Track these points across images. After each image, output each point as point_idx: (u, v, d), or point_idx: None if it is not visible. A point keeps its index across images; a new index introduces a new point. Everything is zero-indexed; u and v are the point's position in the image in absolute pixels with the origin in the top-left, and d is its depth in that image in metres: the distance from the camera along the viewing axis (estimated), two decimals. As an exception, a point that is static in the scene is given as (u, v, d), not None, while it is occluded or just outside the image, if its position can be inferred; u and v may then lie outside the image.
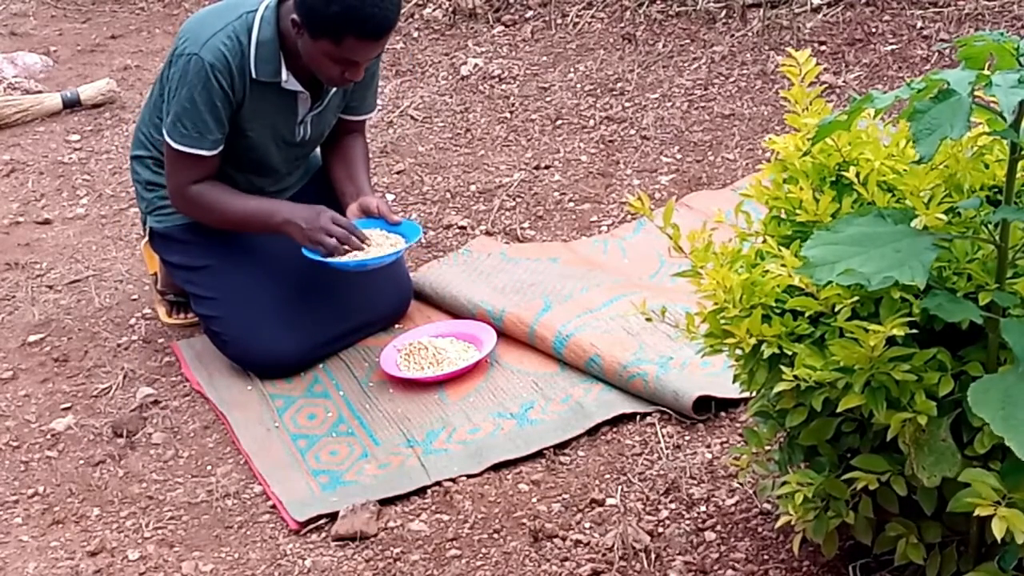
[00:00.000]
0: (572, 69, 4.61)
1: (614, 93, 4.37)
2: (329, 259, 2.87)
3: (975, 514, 1.77)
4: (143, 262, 3.48)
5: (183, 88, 2.84)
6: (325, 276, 3.03)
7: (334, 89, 2.99)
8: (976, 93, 1.65)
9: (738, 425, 2.64)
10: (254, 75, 2.86)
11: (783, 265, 1.88)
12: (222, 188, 2.98)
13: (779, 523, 2.08)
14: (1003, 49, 1.73)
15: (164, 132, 2.91)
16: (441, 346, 3.01)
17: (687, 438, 2.64)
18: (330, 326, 3.04)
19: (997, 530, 1.74)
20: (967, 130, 1.63)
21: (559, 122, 4.24)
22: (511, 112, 4.37)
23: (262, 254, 3.06)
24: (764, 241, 2.01)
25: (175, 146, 2.89)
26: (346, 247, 2.88)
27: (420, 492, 2.59)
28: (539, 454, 2.66)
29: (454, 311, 3.18)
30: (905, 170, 1.95)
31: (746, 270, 1.99)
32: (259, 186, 3.11)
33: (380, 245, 2.92)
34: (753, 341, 1.94)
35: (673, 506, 2.45)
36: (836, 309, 1.85)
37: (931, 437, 1.83)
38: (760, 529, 2.35)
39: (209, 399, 2.98)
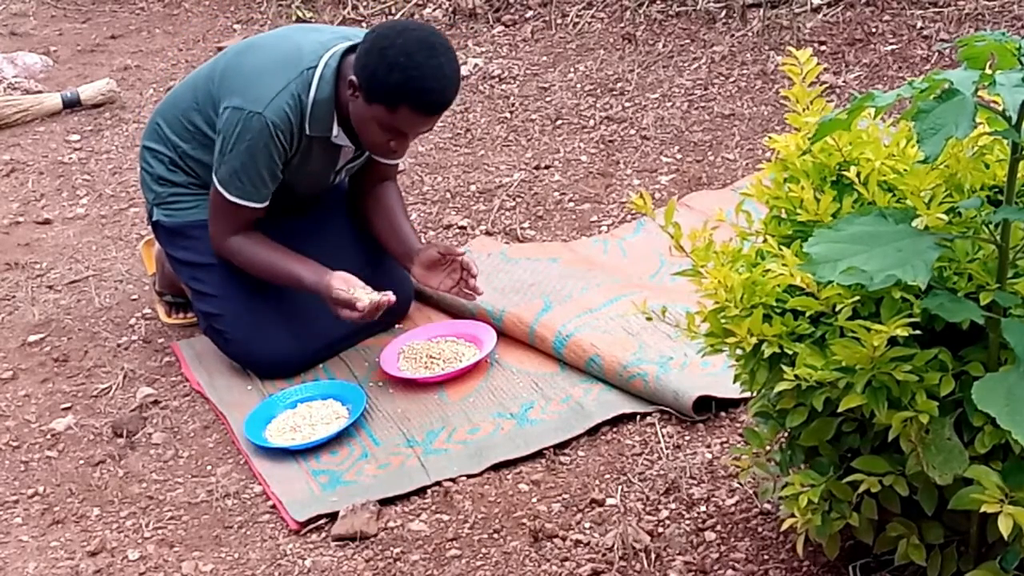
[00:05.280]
0: (572, 69, 4.61)
1: (614, 93, 4.37)
2: (279, 444, 2.76)
3: (981, 511, 1.77)
4: (143, 263, 3.48)
5: (243, 144, 2.84)
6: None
7: None
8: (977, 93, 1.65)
9: (738, 425, 2.64)
10: (308, 131, 2.87)
11: (784, 264, 1.88)
12: (257, 241, 2.97)
13: (784, 526, 2.07)
14: (1004, 49, 1.73)
15: (217, 181, 2.90)
16: (441, 346, 3.02)
17: (687, 438, 2.64)
18: (332, 327, 3.03)
19: (1003, 527, 1.74)
20: (972, 130, 1.63)
21: (559, 122, 4.24)
22: (511, 112, 4.37)
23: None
24: (765, 240, 2.01)
25: (230, 198, 2.90)
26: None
27: (420, 492, 2.59)
28: (539, 454, 2.66)
29: (454, 311, 3.18)
30: (906, 170, 1.95)
31: (747, 269, 1.98)
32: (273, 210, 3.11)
33: (326, 420, 2.84)
34: (754, 341, 1.93)
35: (673, 506, 2.45)
36: (837, 309, 1.85)
37: (936, 436, 1.82)
38: (760, 529, 2.35)
39: (209, 399, 2.97)
